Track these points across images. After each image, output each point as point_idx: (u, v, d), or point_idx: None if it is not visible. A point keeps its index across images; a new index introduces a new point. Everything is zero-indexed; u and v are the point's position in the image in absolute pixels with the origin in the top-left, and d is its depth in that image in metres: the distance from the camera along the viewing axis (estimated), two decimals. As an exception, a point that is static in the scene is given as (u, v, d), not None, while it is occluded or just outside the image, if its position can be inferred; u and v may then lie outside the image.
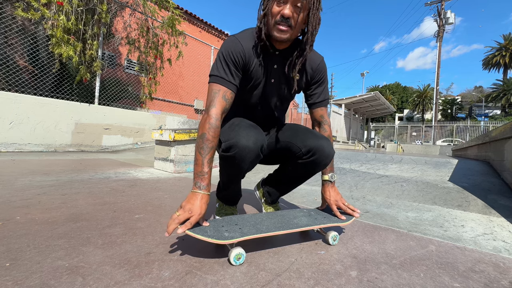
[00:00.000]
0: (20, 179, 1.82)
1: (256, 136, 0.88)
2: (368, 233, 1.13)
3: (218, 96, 0.90)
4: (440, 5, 18.61)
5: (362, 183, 2.24)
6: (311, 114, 1.15)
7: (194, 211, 0.79)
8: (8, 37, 4.07)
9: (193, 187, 0.84)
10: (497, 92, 31.10)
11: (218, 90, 0.91)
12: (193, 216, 0.79)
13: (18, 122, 3.56)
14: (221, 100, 0.90)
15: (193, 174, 0.86)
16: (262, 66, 0.98)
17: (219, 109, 0.89)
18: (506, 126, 2.06)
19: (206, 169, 0.84)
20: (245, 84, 1.01)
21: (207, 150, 0.85)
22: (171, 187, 1.89)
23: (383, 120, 37.35)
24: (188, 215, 0.78)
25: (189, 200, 0.81)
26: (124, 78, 6.20)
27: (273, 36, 0.90)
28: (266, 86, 1.03)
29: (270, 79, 1.02)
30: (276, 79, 1.02)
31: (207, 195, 0.84)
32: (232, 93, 0.93)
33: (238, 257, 0.78)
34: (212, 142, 0.86)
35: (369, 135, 19.52)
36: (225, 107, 0.91)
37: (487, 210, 1.54)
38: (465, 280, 0.76)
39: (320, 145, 0.98)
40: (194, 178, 0.85)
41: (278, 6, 0.86)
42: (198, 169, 0.84)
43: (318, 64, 1.04)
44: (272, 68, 1.00)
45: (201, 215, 0.81)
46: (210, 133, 0.86)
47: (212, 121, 0.87)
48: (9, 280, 0.62)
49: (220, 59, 0.93)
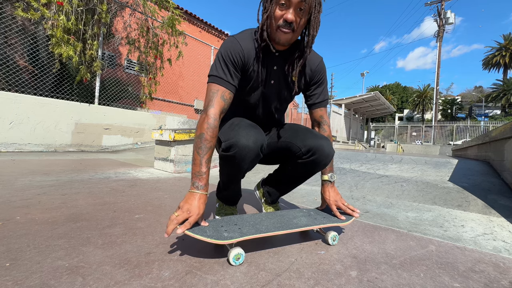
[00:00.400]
0: (20, 179, 1.82)
1: (256, 135, 0.89)
2: (368, 233, 1.13)
3: (216, 96, 0.90)
4: (440, 5, 18.62)
5: (362, 183, 2.24)
6: (310, 115, 1.15)
7: (192, 211, 0.79)
8: (8, 37, 4.07)
9: (191, 187, 0.84)
10: (497, 92, 31.11)
11: (216, 90, 0.91)
12: (192, 216, 0.79)
13: (18, 122, 3.56)
14: (219, 100, 0.90)
15: (191, 174, 0.86)
16: (262, 67, 0.98)
17: (217, 109, 0.89)
18: (506, 126, 2.06)
19: (204, 169, 0.84)
20: (244, 85, 1.01)
21: (205, 150, 0.85)
22: (171, 187, 1.89)
23: (383, 120, 37.35)
24: (187, 215, 0.78)
25: (187, 200, 0.81)
26: (124, 78, 6.20)
27: (276, 38, 0.90)
28: (266, 87, 1.03)
29: (270, 80, 1.02)
30: (276, 80, 1.02)
31: (205, 195, 0.84)
32: (231, 94, 0.93)
33: (237, 257, 0.78)
34: (211, 142, 0.86)
35: (369, 135, 19.53)
36: (223, 107, 0.91)
37: (487, 210, 1.54)
38: (465, 280, 0.76)
39: (320, 145, 0.98)
40: (192, 178, 0.85)
41: (281, 10, 0.86)
42: (196, 169, 0.84)
43: (317, 65, 1.04)
44: (272, 69, 1.00)
45: (199, 215, 0.81)
46: (209, 133, 0.86)
47: (211, 121, 0.87)
48: (9, 280, 0.62)
49: (219, 59, 0.93)
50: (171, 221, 0.77)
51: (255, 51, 0.95)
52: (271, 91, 1.04)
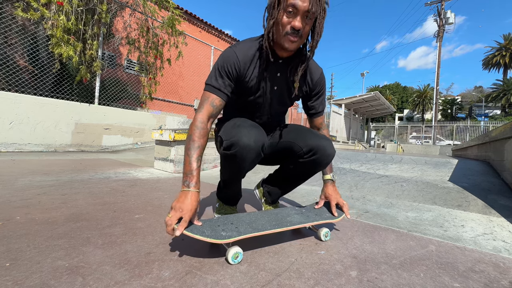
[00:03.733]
0: (20, 179, 1.82)
1: (257, 135, 0.90)
2: (368, 233, 1.13)
3: (207, 102, 0.96)
4: (440, 5, 18.61)
5: (362, 183, 2.24)
6: (311, 122, 1.22)
7: (185, 208, 0.79)
8: (8, 37, 4.07)
9: (182, 186, 0.85)
10: (497, 92, 31.11)
11: (207, 97, 0.96)
12: (185, 213, 0.79)
13: (18, 122, 3.56)
14: (208, 107, 0.95)
15: (182, 174, 0.87)
16: (264, 74, 1.00)
17: (204, 114, 0.94)
18: (506, 126, 2.06)
19: (194, 167, 0.86)
20: (246, 92, 1.03)
21: (193, 150, 0.88)
22: (171, 187, 1.89)
23: (383, 120, 37.34)
24: (180, 214, 0.79)
25: (178, 199, 0.82)
26: (124, 78, 6.19)
27: (282, 45, 0.92)
28: (268, 93, 1.05)
29: (273, 87, 1.04)
30: (279, 86, 1.04)
31: (197, 192, 0.84)
32: (222, 101, 0.97)
33: (235, 256, 0.78)
34: (198, 142, 0.90)
35: (369, 135, 19.53)
36: (211, 112, 0.96)
37: (487, 210, 1.54)
38: (465, 280, 0.76)
39: (321, 145, 1.01)
40: (183, 177, 0.86)
41: (288, 17, 0.87)
42: (186, 168, 0.86)
43: (319, 77, 1.09)
44: (275, 76, 1.02)
45: (192, 211, 0.80)
46: (196, 134, 0.90)
47: (197, 124, 0.92)
48: (9, 280, 0.62)
49: (215, 69, 0.98)
50: (167, 224, 0.78)
51: (258, 59, 0.98)
52: (273, 97, 1.06)
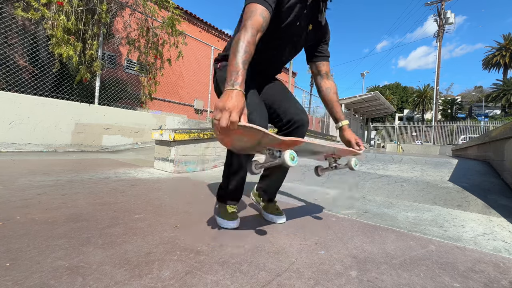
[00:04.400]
0: (20, 179, 1.82)
1: (260, 120, 0.95)
2: (368, 233, 1.13)
3: (255, 14, 0.89)
4: (440, 5, 18.62)
5: (362, 183, 2.24)
6: (317, 67, 1.27)
7: (232, 106, 0.74)
8: (8, 37, 4.07)
9: (226, 86, 0.79)
10: (497, 92, 31.11)
11: (255, 9, 0.90)
12: (233, 110, 0.74)
13: (18, 122, 3.56)
14: (258, 17, 0.89)
15: (227, 74, 0.82)
16: (296, 7, 1.03)
17: (255, 25, 0.88)
18: (506, 126, 2.06)
19: (240, 67, 0.80)
20: (275, 21, 1.01)
21: (242, 52, 0.82)
22: (171, 187, 1.89)
23: (383, 120, 37.30)
24: (228, 113, 0.74)
25: (222, 99, 0.76)
26: (124, 78, 6.19)
27: None
28: (293, 27, 1.08)
29: (299, 21, 1.08)
30: (303, 23, 1.09)
31: (242, 92, 0.79)
32: (269, 14, 0.93)
33: (292, 157, 0.79)
34: (248, 46, 0.84)
35: (369, 135, 19.51)
36: (262, 24, 0.90)
37: (487, 210, 1.54)
38: (465, 280, 0.76)
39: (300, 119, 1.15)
40: (227, 77, 0.80)
41: None
42: (232, 68, 0.81)
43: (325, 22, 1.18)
44: (303, 12, 1.06)
45: (240, 109, 0.75)
46: (246, 38, 0.84)
47: (248, 30, 0.86)
48: (9, 280, 0.62)
49: None
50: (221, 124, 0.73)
51: None
52: (296, 33, 1.10)
